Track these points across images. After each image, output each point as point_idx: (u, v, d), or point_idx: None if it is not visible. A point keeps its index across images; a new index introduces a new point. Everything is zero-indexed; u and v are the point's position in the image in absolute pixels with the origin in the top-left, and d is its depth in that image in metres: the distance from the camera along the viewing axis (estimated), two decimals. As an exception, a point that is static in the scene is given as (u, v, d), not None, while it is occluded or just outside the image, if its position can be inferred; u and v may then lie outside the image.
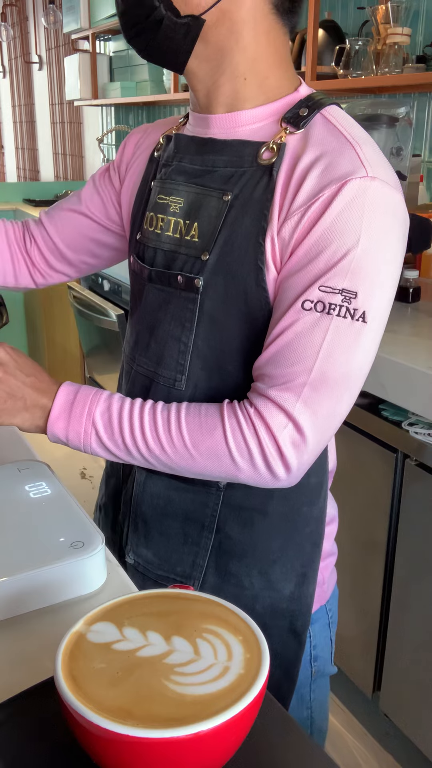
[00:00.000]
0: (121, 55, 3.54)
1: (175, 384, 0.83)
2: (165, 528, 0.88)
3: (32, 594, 0.69)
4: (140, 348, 0.88)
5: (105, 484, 1.02)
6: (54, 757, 0.53)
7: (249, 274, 0.76)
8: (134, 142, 0.98)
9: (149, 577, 0.91)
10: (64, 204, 1.04)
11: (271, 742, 0.55)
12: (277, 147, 0.76)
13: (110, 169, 1.00)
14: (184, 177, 0.83)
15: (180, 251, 0.81)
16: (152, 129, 0.96)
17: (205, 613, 0.55)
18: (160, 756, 0.45)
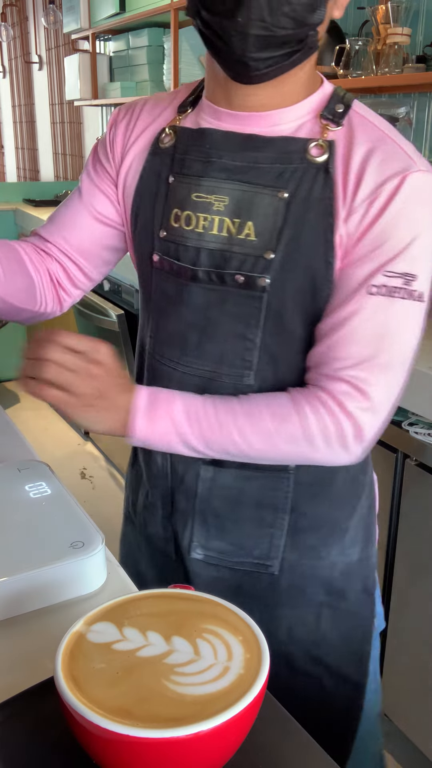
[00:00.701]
0: (121, 55, 3.54)
1: (243, 380, 0.85)
2: (239, 517, 0.90)
3: (32, 594, 0.69)
4: (189, 349, 0.86)
5: (148, 484, 0.98)
6: (54, 757, 0.53)
7: (318, 270, 0.79)
8: (123, 128, 0.92)
9: (224, 566, 0.92)
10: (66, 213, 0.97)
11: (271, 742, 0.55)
12: (327, 145, 0.78)
13: (102, 161, 0.94)
14: (225, 174, 0.81)
15: (233, 250, 0.81)
16: (138, 112, 0.92)
17: (205, 613, 0.55)
18: (160, 756, 0.45)
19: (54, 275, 0.97)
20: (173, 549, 0.96)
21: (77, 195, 0.97)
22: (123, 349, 2.67)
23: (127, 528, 1.07)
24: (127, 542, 1.07)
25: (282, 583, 0.92)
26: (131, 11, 3.09)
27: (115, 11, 3.16)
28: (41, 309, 0.97)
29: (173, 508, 0.94)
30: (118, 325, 2.60)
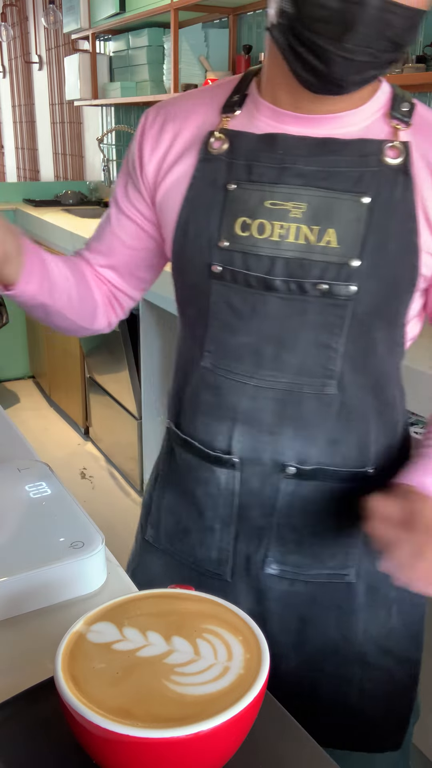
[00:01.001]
0: (121, 55, 3.54)
1: (324, 389, 0.83)
2: (317, 528, 0.89)
3: (32, 594, 0.69)
4: (265, 362, 0.83)
5: (203, 508, 0.93)
6: (54, 757, 0.53)
7: (403, 275, 0.79)
8: (154, 137, 0.87)
9: (300, 579, 0.91)
10: (102, 242, 0.96)
11: (271, 742, 0.55)
12: (403, 146, 0.78)
13: (132, 180, 0.90)
14: (302, 180, 0.79)
15: (313, 258, 0.78)
16: (170, 116, 0.87)
17: (205, 613, 0.55)
18: (160, 756, 0.45)
19: (108, 298, 0.99)
20: (229, 570, 0.93)
21: (107, 224, 0.95)
22: (123, 349, 2.67)
23: (147, 557, 1.03)
24: (149, 572, 1.02)
25: (358, 590, 0.91)
26: (131, 11, 3.09)
27: (115, 11, 3.16)
28: (96, 327, 1.00)
29: (240, 528, 0.91)
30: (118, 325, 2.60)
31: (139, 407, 2.76)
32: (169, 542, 0.98)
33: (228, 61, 2.99)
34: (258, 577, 0.92)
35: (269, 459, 0.86)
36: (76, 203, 4.07)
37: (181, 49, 2.90)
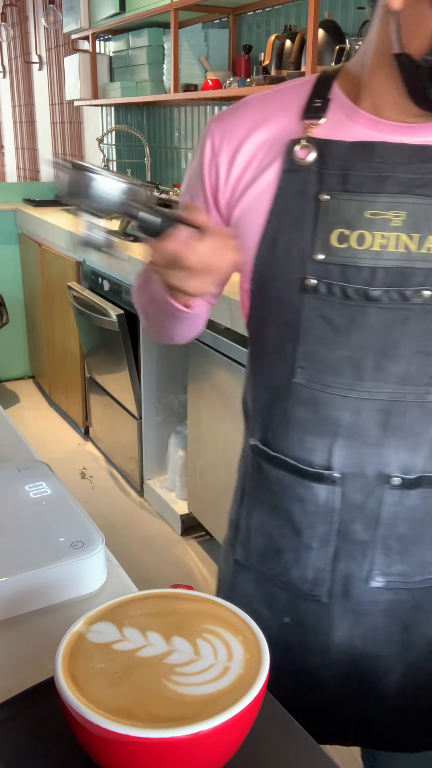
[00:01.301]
0: (121, 55, 3.54)
1: (428, 396, 0.82)
2: (422, 536, 0.88)
3: (32, 594, 0.69)
4: (366, 373, 0.82)
5: (300, 526, 0.91)
6: (54, 757, 0.53)
7: None
8: (230, 149, 0.84)
9: (405, 588, 0.90)
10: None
11: (271, 742, 0.55)
12: None
13: (205, 198, 0.86)
14: (401, 188, 0.77)
15: (415, 266, 0.78)
16: (241, 127, 0.83)
17: (205, 613, 0.55)
18: (160, 756, 0.45)
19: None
20: (326, 591, 0.91)
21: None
22: (123, 349, 2.67)
23: (240, 577, 0.99)
24: (243, 593, 0.99)
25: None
26: (131, 11, 3.09)
27: (115, 11, 3.16)
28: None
29: (341, 545, 0.88)
30: (118, 325, 2.60)
31: (139, 407, 2.76)
32: (260, 562, 0.95)
33: (228, 61, 2.99)
34: (359, 595, 0.89)
35: (373, 471, 0.84)
36: (76, 203, 4.06)
37: (181, 49, 2.90)
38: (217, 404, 2.22)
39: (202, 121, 3.33)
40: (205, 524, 2.49)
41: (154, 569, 2.46)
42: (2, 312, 3.67)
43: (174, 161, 3.66)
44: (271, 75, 2.43)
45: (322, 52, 2.16)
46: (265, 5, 2.73)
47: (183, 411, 2.80)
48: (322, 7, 2.26)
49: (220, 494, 2.31)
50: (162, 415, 2.79)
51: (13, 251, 4.03)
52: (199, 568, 2.46)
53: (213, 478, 2.33)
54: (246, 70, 2.82)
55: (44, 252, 3.54)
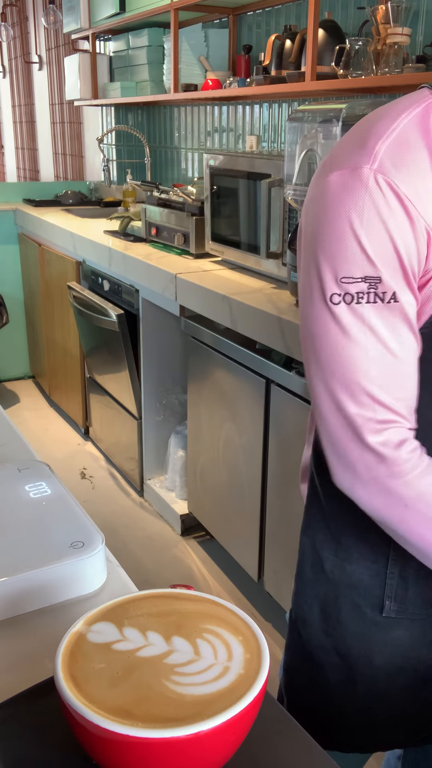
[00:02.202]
0: (121, 55, 3.54)
1: None
2: None
3: (32, 594, 0.69)
4: None
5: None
6: (54, 757, 0.53)
7: None
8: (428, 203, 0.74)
9: None
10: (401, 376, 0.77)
11: (271, 742, 0.55)
12: None
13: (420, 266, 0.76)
14: None
15: None
16: (421, 171, 0.74)
17: (205, 613, 0.55)
18: (160, 756, 0.45)
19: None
20: None
21: (393, 364, 0.76)
22: (123, 349, 2.67)
23: (391, 634, 0.92)
24: (397, 646, 0.92)
25: None
26: (131, 11, 3.09)
27: (115, 11, 3.16)
28: None
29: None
30: (118, 325, 2.60)
31: (139, 407, 2.76)
32: (426, 606, 0.90)
33: (228, 61, 2.99)
34: None
35: None
36: (76, 203, 4.07)
37: (181, 49, 2.90)
38: (217, 404, 2.22)
39: (202, 121, 3.33)
40: (205, 524, 2.49)
41: (154, 569, 2.46)
42: (2, 312, 3.67)
43: (174, 161, 3.66)
44: (271, 75, 2.43)
45: (322, 52, 2.16)
46: (265, 5, 2.73)
47: (183, 411, 2.80)
48: (322, 7, 2.26)
49: (220, 494, 2.31)
50: (162, 415, 2.79)
51: (13, 251, 4.03)
52: (199, 568, 2.46)
53: (213, 478, 2.33)
54: (246, 70, 2.82)
55: (44, 252, 3.54)
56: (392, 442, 0.77)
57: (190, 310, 2.24)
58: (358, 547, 0.91)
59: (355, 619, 0.93)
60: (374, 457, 0.77)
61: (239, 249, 2.27)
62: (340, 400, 0.77)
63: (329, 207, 0.75)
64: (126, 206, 3.61)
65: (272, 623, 2.16)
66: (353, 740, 1.00)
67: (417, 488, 0.77)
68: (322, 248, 0.76)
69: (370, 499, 0.80)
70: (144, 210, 2.82)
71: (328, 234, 0.75)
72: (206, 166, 2.38)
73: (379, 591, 0.91)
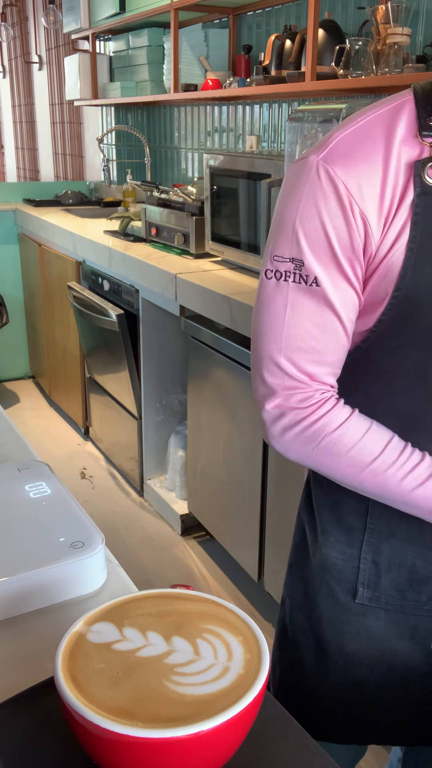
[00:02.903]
0: (121, 55, 3.54)
1: None
2: None
3: (32, 594, 0.69)
4: None
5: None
6: (54, 757, 0.53)
7: None
8: (366, 196, 0.75)
9: None
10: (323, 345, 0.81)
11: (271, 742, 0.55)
12: None
13: (350, 257, 0.77)
14: None
15: None
16: (361, 167, 0.76)
17: (205, 613, 0.55)
18: (160, 756, 0.45)
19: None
20: None
21: (323, 331, 0.80)
22: (123, 349, 2.67)
23: (365, 621, 0.93)
24: (370, 635, 0.93)
25: None
26: (131, 11, 3.09)
27: (115, 11, 3.16)
28: None
29: None
30: (118, 325, 2.60)
31: (139, 407, 2.76)
32: (399, 597, 0.91)
33: (228, 61, 2.99)
34: None
35: None
36: (76, 203, 4.07)
37: (181, 49, 2.90)
38: (217, 404, 2.22)
39: (202, 121, 3.33)
40: (205, 524, 2.49)
41: (154, 569, 2.46)
42: (2, 312, 3.67)
43: (174, 161, 3.66)
44: (271, 75, 2.43)
45: (322, 52, 2.16)
46: (265, 5, 2.73)
47: (183, 411, 2.80)
48: (322, 7, 2.26)
49: (220, 494, 2.31)
50: (162, 415, 2.79)
51: (13, 251, 4.03)
52: (199, 568, 2.46)
53: (213, 478, 2.33)
54: (246, 70, 2.82)
55: (44, 252, 3.54)
56: (292, 402, 0.82)
57: (190, 310, 2.24)
58: (334, 531, 0.93)
59: (330, 603, 0.95)
60: (277, 414, 0.83)
61: (239, 249, 2.27)
62: (258, 368, 0.84)
63: (282, 193, 0.81)
64: (126, 206, 3.61)
65: (272, 623, 2.16)
66: (329, 728, 1.01)
67: (320, 430, 0.82)
68: (271, 228, 0.82)
69: (286, 449, 0.85)
70: (144, 210, 2.82)
71: (276, 215, 0.81)
72: (206, 166, 2.38)
73: (353, 576, 0.92)
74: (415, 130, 0.76)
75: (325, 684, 0.98)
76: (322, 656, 0.97)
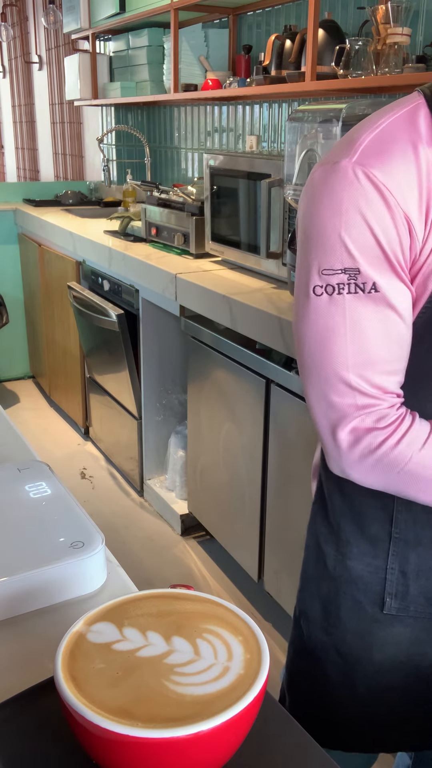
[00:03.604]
0: (121, 55, 3.54)
1: None
2: None
3: (32, 594, 0.69)
4: None
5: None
6: (54, 757, 0.53)
7: None
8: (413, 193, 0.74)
9: None
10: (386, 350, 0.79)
11: (271, 742, 0.55)
12: None
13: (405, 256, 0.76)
14: None
15: None
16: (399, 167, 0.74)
17: (205, 613, 0.55)
18: (160, 756, 0.45)
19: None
20: None
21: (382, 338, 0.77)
22: (123, 349, 2.67)
23: (391, 631, 0.92)
24: (398, 644, 0.93)
25: None
26: (131, 11, 3.09)
27: (115, 11, 3.16)
28: None
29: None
30: (118, 325, 2.60)
31: (139, 407, 2.76)
32: (429, 604, 0.90)
33: (228, 61, 2.99)
34: None
35: None
36: (76, 203, 4.07)
37: (181, 49, 2.90)
38: (217, 404, 2.22)
39: (202, 121, 3.33)
40: (205, 524, 2.49)
41: (154, 569, 2.46)
42: (2, 312, 3.67)
43: (174, 161, 3.66)
44: (271, 75, 2.43)
45: (322, 52, 2.16)
46: (265, 5, 2.73)
47: (183, 411, 2.80)
48: (322, 7, 2.26)
49: (220, 494, 2.31)
50: (162, 415, 2.79)
51: (13, 251, 4.03)
52: (199, 568, 2.46)
53: (213, 478, 2.33)
54: (246, 70, 2.82)
55: (44, 252, 3.54)
56: (368, 422, 0.79)
57: (190, 310, 2.24)
58: (357, 543, 0.91)
59: (355, 616, 0.93)
60: (353, 439, 0.80)
61: (239, 249, 2.27)
62: (323, 391, 0.80)
63: (312, 201, 0.77)
64: (126, 206, 3.61)
65: (272, 623, 2.16)
66: (355, 739, 1.00)
67: (404, 452, 0.79)
68: (307, 241, 0.78)
69: (365, 477, 0.82)
70: (144, 210, 2.82)
71: (312, 227, 0.77)
72: (206, 166, 2.38)
73: (380, 587, 0.91)
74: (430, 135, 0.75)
75: (351, 696, 0.97)
76: (348, 670, 0.95)
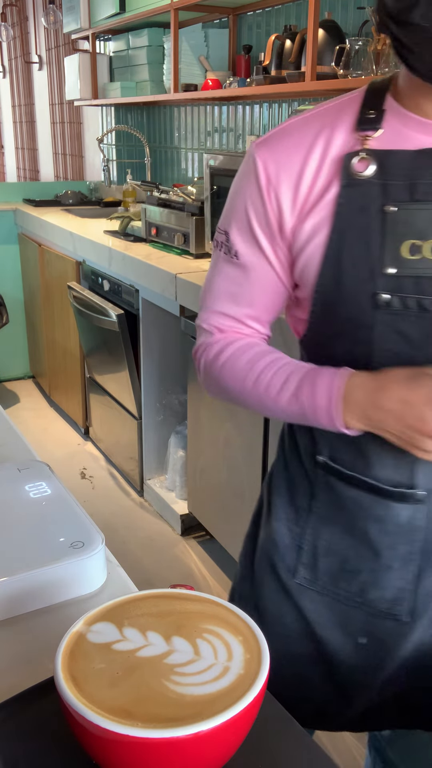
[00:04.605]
0: (121, 55, 3.54)
1: None
2: None
3: (32, 594, 0.69)
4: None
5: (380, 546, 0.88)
6: (54, 757, 0.53)
7: None
8: (286, 177, 0.81)
9: None
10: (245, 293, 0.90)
11: (271, 742, 0.55)
12: None
13: (266, 230, 0.84)
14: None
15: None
16: (291, 150, 0.80)
17: (205, 613, 0.55)
18: (160, 756, 0.45)
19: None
20: (407, 609, 0.88)
21: (235, 283, 0.89)
22: (123, 349, 2.67)
23: (300, 601, 0.94)
24: (304, 616, 0.95)
25: None
26: (131, 11, 3.09)
27: (115, 11, 3.16)
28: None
29: (426, 564, 0.86)
30: (118, 325, 2.60)
31: (139, 407, 2.76)
32: (332, 584, 0.92)
33: (228, 61, 2.99)
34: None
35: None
36: (76, 203, 4.07)
37: (181, 49, 2.90)
38: (217, 404, 2.22)
39: (202, 121, 3.33)
40: (205, 524, 2.49)
41: (154, 569, 2.46)
42: (2, 312, 3.67)
43: (174, 161, 3.66)
44: (271, 75, 2.43)
45: (322, 52, 2.16)
46: (265, 5, 2.73)
47: (183, 411, 2.80)
48: (322, 7, 2.26)
49: (220, 494, 2.31)
50: (162, 415, 2.79)
51: (13, 251, 4.03)
52: (199, 568, 2.46)
53: (213, 478, 2.33)
54: (246, 70, 2.82)
55: (44, 252, 3.54)
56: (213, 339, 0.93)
57: (190, 310, 2.24)
58: (285, 509, 0.96)
59: (271, 577, 0.97)
60: (197, 359, 0.95)
61: (239, 249, 2.26)
62: (197, 322, 0.96)
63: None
64: (126, 206, 3.61)
65: (272, 623, 2.16)
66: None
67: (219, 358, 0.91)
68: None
69: (207, 387, 0.95)
70: (144, 210, 2.82)
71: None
72: (206, 166, 2.38)
73: (296, 555, 0.94)
74: (353, 123, 0.79)
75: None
76: (261, 625, 0.97)
